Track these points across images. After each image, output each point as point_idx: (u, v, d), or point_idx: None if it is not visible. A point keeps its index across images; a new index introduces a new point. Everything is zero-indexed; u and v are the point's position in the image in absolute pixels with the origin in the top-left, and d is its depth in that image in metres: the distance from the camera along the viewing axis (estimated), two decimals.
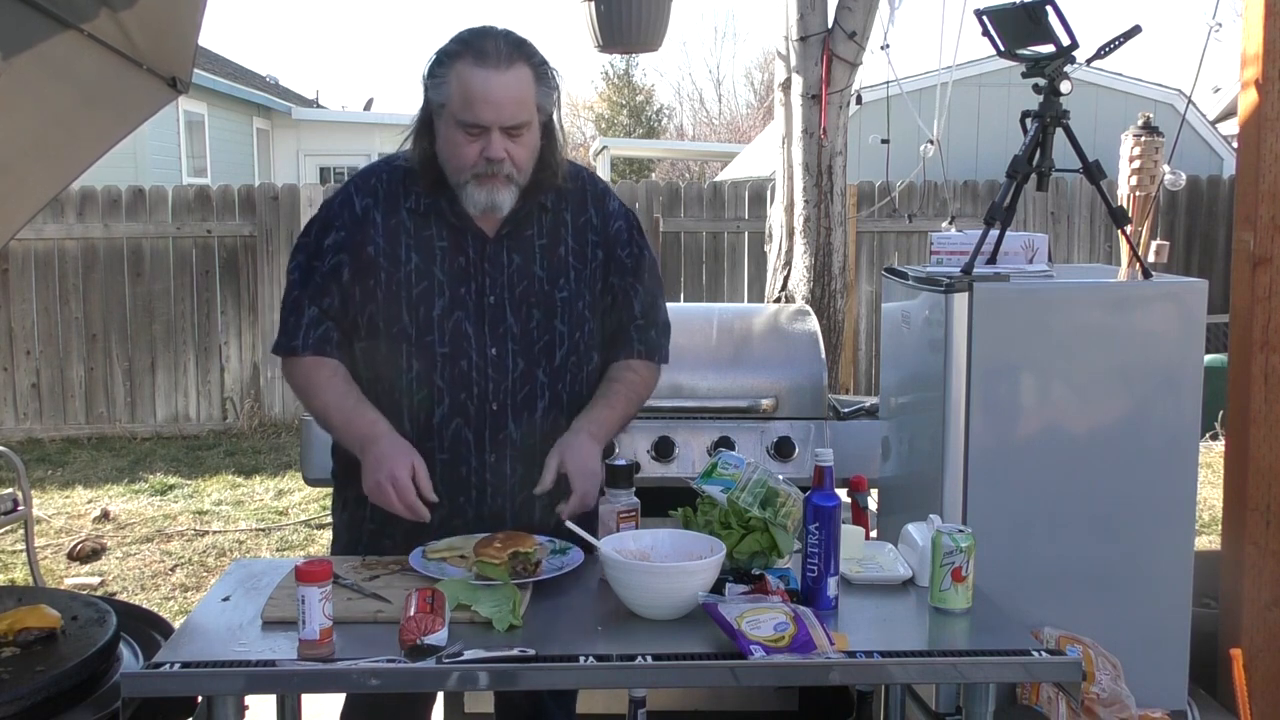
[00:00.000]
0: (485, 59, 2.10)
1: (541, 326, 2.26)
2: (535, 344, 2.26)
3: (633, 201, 8.46)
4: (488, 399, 2.24)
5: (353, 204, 2.27)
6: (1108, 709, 2.47)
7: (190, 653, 1.79)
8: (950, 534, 1.97)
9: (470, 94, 2.10)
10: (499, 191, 2.16)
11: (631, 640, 1.84)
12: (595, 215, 2.33)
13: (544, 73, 2.17)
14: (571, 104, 33.39)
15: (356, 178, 2.33)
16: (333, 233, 2.26)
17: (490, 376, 2.24)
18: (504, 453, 2.26)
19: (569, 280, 2.29)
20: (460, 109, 2.11)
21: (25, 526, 4.12)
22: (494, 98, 2.10)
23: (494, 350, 2.24)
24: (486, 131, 2.12)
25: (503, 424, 2.25)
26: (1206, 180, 8.96)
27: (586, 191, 2.34)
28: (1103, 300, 2.74)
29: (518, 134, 2.14)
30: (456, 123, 2.13)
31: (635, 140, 27.75)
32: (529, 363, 2.26)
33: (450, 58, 2.14)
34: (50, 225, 7.94)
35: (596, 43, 4.68)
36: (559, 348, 2.28)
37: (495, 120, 2.11)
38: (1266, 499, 2.94)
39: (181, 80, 2.88)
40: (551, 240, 2.29)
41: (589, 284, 2.31)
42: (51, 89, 2.70)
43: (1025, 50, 2.77)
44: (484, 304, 2.24)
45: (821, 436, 3.18)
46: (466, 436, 2.24)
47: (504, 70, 2.11)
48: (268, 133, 17.00)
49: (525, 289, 2.26)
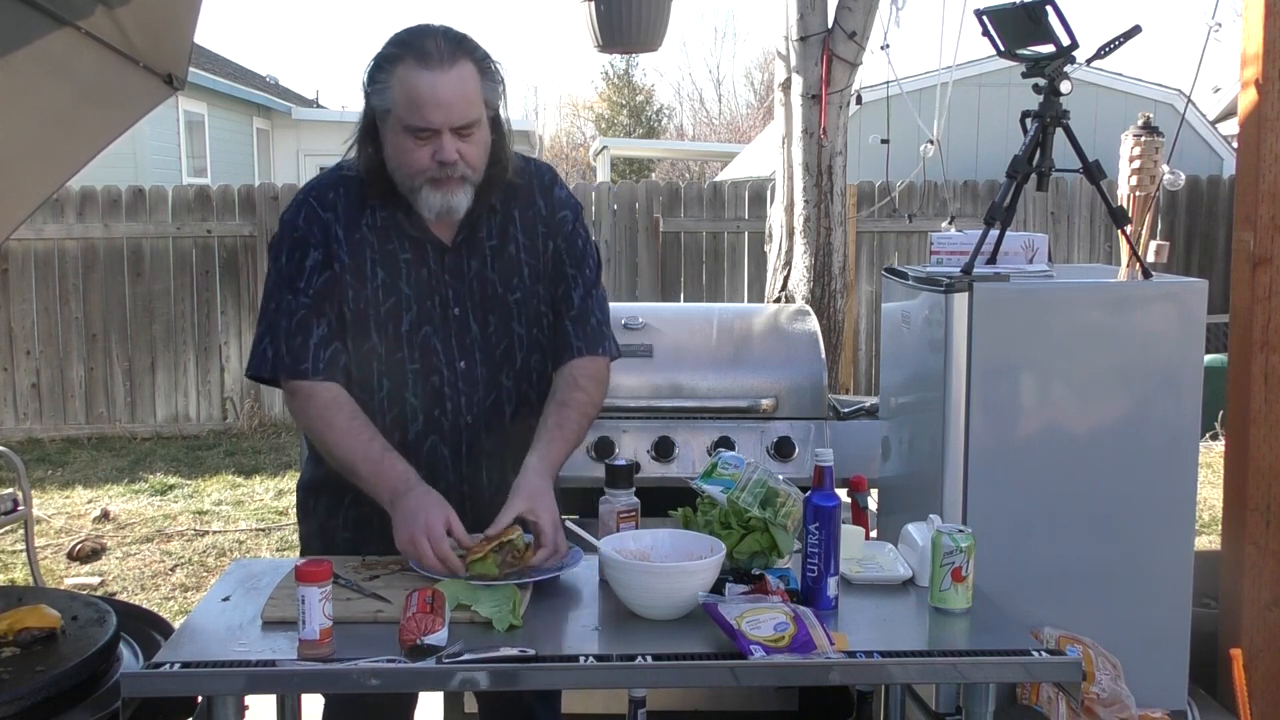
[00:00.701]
0: (428, 59, 2.03)
1: (499, 331, 2.22)
2: (495, 349, 2.22)
3: (632, 201, 8.47)
4: (461, 413, 2.21)
5: (319, 218, 2.18)
6: (1108, 709, 2.47)
7: (190, 653, 1.78)
8: (950, 534, 1.97)
9: (417, 97, 2.02)
10: (454, 194, 2.10)
11: (631, 640, 1.84)
12: (544, 206, 2.27)
13: (487, 67, 2.10)
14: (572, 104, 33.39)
15: (312, 192, 2.22)
16: (311, 251, 2.16)
17: (461, 390, 2.20)
18: (480, 463, 2.23)
19: (522, 279, 2.23)
20: (407, 113, 2.04)
21: (25, 526, 4.12)
22: (441, 98, 2.03)
23: (462, 363, 2.20)
24: (437, 134, 2.05)
25: (477, 436, 2.22)
26: (1206, 180, 8.96)
27: (534, 183, 2.28)
28: (1103, 300, 2.74)
29: (468, 133, 2.08)
30: (404, 128, 2.05)
31: (635, 140, 27.76)
32: (491, 370, 2.22)
33: (390, 61, 2.05)
34: (50, 225, 7.95)
35: (596, 43, 4.68)
36: (519, 350, 2.24)
37: (445, 122, 2.04)
38: (1266, 499, 2.94)
39: (178, 77, 2.88)
40: (501, 240, 2.23)
41: (545, 279, 2.25)
42: (48, 87, 2.69)
43: (1025, 50, 2.77)
44: (449, 316, 2.19)
45: (821, 436, 3.18)
46: (443, 452, 2.21)
47: (448, 69, 2.03)
48: (268, 133, 17.00)
49: (482, 295, 2.21)
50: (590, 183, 10.18)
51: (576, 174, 27.43)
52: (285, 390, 2.20)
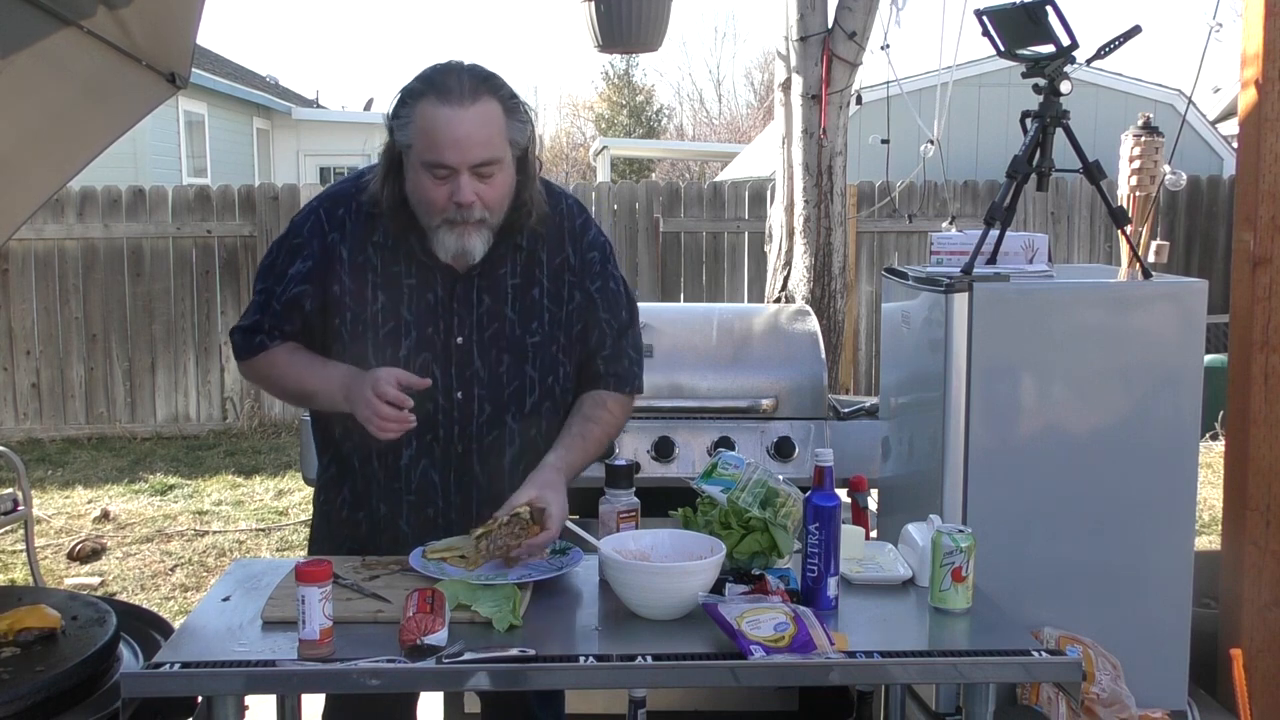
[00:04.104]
0: (448, 96, 1.99)
1: (511, 371, 2.19)
2: (505, 389, 2.19)
3: (633, 201, 8.47)
4: (453, 441, 2.19)
5: (323, 233, 2.18)
6: (1108, 709, 2.47)
7: (190, 653, 1.78)
8: (950, 534, 1.97)
9: (434, 134, 2.00)
10: (469, 237, 2.06)
11: (631, 640, 1.84)
12: (572, 254, 2.23)
13: (514, 105, 2.06)
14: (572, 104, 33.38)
15: (325, 203, 2.22)
16: (299, 260, 2.18)
17: (456, 419, 2.18)
18: (470, 495, 2.22)
19: (542, 324, 2.20)
20: (425, 150, 2.01)
21: (25, 526, 4.12)
22: (458, 136, 1.99)
23: (459, 394, 2.17)
24: (455, 173, 2.01)
25: (469, 466, 2.20)
26: (1206, 180, 8.96)
27: (564, 228, 2.23)
28: (1103, 300, 2.74)
29: (488, 174, 2.03)
30: (422, 165, 2.03)
31: (635, 140, 27.74)
32: (496, 408, 2.19)
33: (413, 97, 2.03)
34: (50, 225, 7.95)
35: (596, 43, 4.68)
36: (529, 394, 2.21)
37: (461, 161, 2.00)
38: (1266, 499, 2.94)
39: (180, 76, 2.88)
40: (525, 281, 2.19)
41: (564, 327, 2.22)
42: (51, 86, 2.70)
43: (1025, 50, 2.77)
44: (451, 345, 2.17)
45: (821, 436, 3.18)
46: (433, 478, 2.21)
47: (468, 106, 1.99)
48: (268, 133, 16.99)
49: (496, 331, 2.17)
50: (590, 183, 10.19)
51: (576, 174, 27.43)
52: (243, 372, 2.33)
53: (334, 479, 2.31)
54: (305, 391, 2.24)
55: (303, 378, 2.21)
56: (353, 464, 2.25)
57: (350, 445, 2.23)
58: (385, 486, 2.22)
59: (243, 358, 2.28)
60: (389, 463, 2.20)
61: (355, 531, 2.28)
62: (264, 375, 2.28)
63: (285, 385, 2.27)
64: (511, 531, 1.99)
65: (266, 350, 2.23)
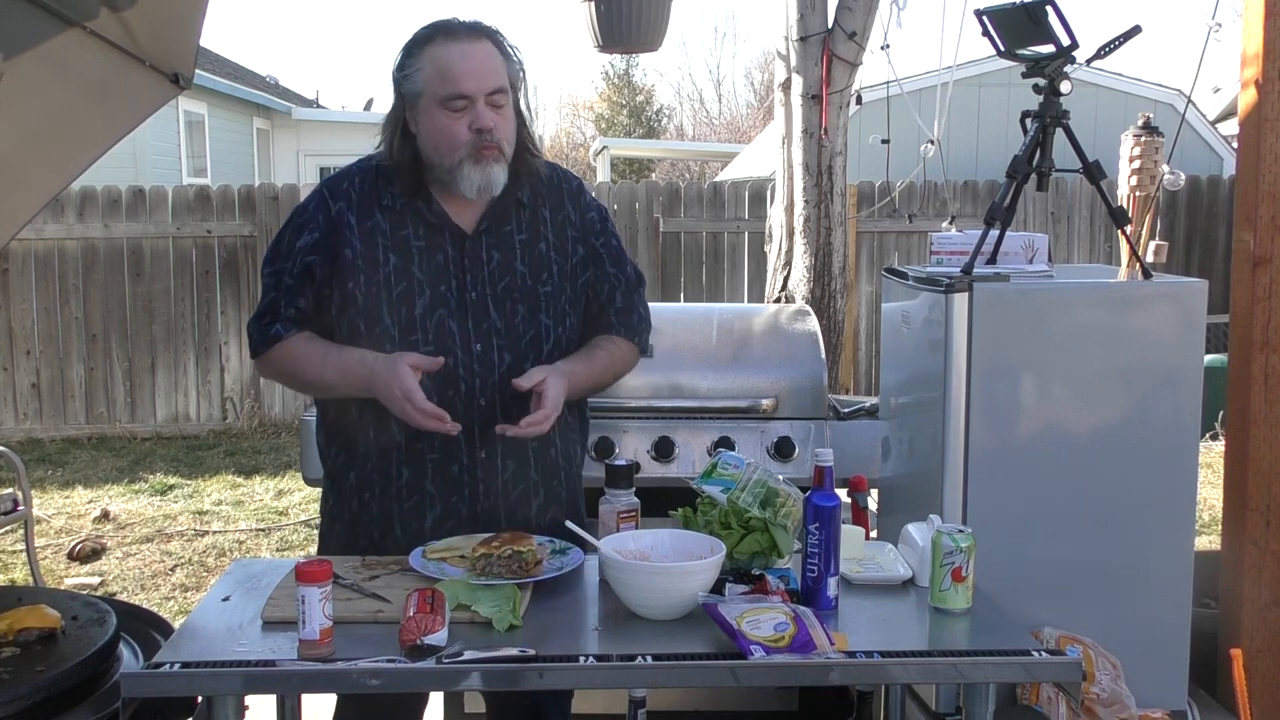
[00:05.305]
0: (456, 34, 2.16)
1: (527, 321, 2.26)
2: (522, 338, 2.26)
3: (633, 201, 8.47)
4: (475, 395, 2.23)
5: (327, 207, 2.26)
6: (1108, 709, 2.47)
7: (190, 653, 1.79)
8: (950, 534, 1.97)
9: (449, 68, 2.14)
10: (493, 166, 2.17)
11: (631, 640, 1.84)
12: (573, 211, 2.35)
13: (506, 50, 2.22)
14: (572, 104, 33.38)
15: (329, 181, 2.32)
16: (305, 234, 2.25)
17: (477, 372, 2.23)
18: (494, 449, 2.25)
19: (551, 275, 2.29)
20: (441, 85, 2.14)
21: (25, 526, 4.12)
22: (473, 65, 2.14)
23: (479, 346, 2.23)
24: (472, 103, 2.14)
25: (492, 419, 2.23)
26: (1206, 180, 8.96)
27: (563, 189, 2.36)
28: (1103, 300, 2.74)
29: (500, 104, 2.17)
30: (439, 102, 2.15)
31: (635, 140, 27.73)
32: (516, 357, 2.24)
33: (419, 44, 2.18)
34: (50, 225, 7.95)
35: (596, 43, 4.68)
36: (545, 341, 2.28)
37: (478, 89, 2.14)
38: (1266, 499, 2.94)
39: (184, 76, 2.89)
40: (531, 236, 2.29)
41: (570, 279, 2.32)
42: (54, 86, 2.70)
43: (1025, 50, 2.77)
44: (466, 300, 2.23)
45: (821, 436, 3.18)
46: (457, 435, 2.23)
47: (475, 41, 2.17)
48: (268, 133, 16.99)
49: (508, 285, 2.26)
50: (590, 183, 10.18)
51: (576, 174, 27.38)
52: (259, 366, 2.34)
53: (345, 464, 2.32)
54: (325, 383, 2.27)
55: (321, 368, 2.24)
56: (369, 436, 2.26)
57: (368, 419, 2.25)
58: (407, 449, 2.24)
59: (259, 351, 2.30)
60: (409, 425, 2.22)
61: (372, 504, 2.28)
62: (280, 369, 2.31)
63: (304, 377, 2.30)
64: (509, 567, 1.99)
65: (282, 340, 2.25)
